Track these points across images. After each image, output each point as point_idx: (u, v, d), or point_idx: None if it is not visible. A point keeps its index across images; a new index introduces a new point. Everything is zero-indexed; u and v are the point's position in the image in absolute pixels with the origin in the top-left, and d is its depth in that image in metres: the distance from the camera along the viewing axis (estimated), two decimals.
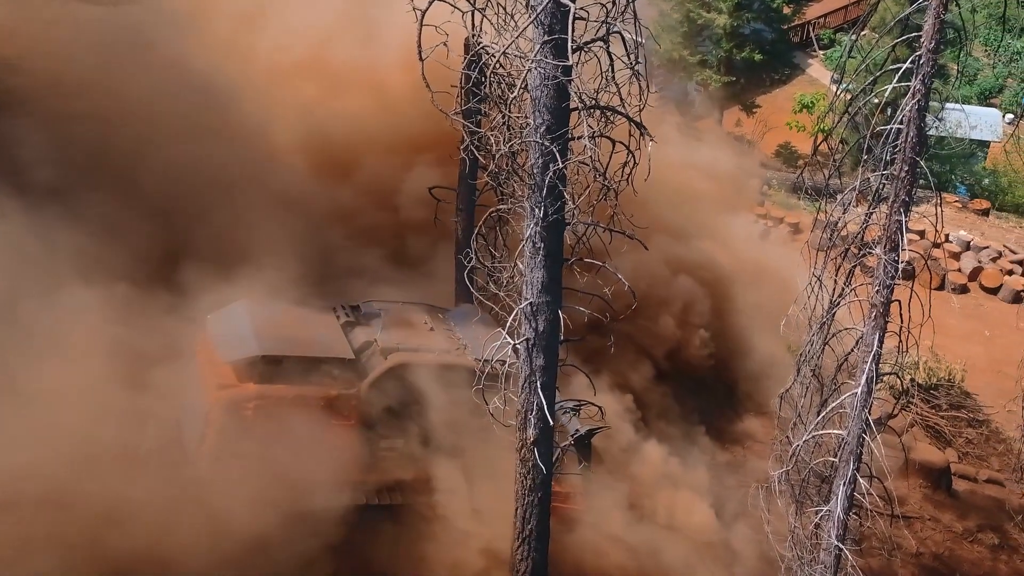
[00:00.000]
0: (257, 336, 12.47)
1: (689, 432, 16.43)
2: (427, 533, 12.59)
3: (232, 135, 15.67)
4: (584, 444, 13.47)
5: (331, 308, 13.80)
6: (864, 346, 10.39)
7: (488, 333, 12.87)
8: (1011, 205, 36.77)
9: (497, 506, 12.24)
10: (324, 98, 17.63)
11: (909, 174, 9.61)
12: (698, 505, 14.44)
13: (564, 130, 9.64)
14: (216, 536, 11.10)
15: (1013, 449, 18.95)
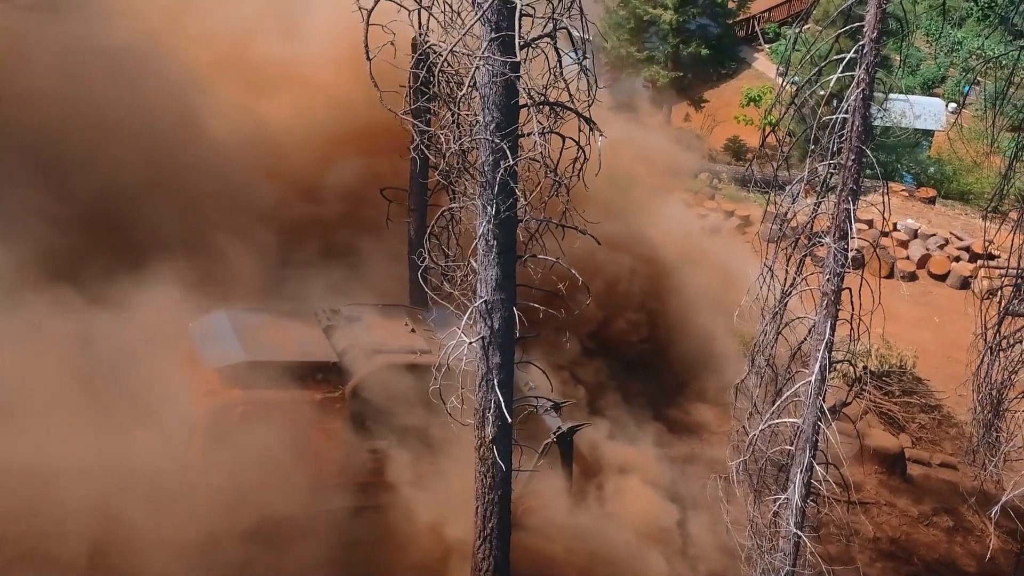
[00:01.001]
0: (241, 342, 12.53)
1: (645, 425, 16.49)
2: (412, 532, 12.59)
3: (160, 133, 15.43)
4: (566, 441, 13.58)
5: (312, 313, 13.85)
6: (816, 334, 10.49)
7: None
8: (956, 193, 37.29)
9: None
10: (252, 96, 17.39)
11: (856, 163, 9.71)
12: (658, 498, 14.50)
13: (514, 127, 9.65)
14: (205, 542, 11.11)
15: (965, 433, 19.19)
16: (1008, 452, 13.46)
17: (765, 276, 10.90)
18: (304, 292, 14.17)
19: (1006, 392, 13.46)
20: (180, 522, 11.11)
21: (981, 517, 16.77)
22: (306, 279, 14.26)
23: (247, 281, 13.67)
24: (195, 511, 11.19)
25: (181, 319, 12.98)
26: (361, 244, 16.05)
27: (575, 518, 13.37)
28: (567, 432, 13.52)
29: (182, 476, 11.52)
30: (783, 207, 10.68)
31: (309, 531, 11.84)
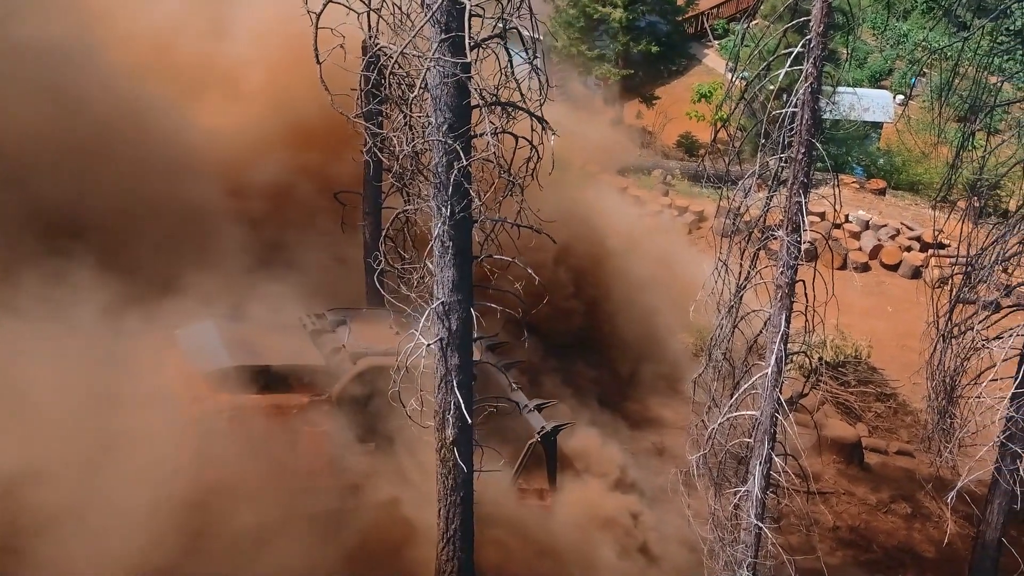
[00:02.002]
0: (228, 348, 12.69)
1: (608, 423, 16.53)
2: (402, 532, 12.63)
3: (94, 134, 15.23)
4: (550, 441, 13.66)
5: (297, 318, 13.96)
6: (772, 327, 10.58)
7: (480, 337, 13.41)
8: (906, 183, 37.71)
9: None
10: (184, 95, 17.18)
11: (806, 156, 9.81)
12: (619, 493, 14.56)
13: (466, 128, 9.65)
14: (197, 546, 11.16)
15: (920, 420, 19.43)
16: (963, 438, 13.63)
17: (720, 270, 10.98)
18: (257, 298, 14.05)
19: (959, 379, 13.64)
20: (167, 527, 11.13)
21: (938, 503, 16.98)
22: (256, 286, 14.13)
23: (191, 290, 13.50)
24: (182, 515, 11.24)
25: (168, 327, 13.00)
26: (314, 247, 15.96)
27: (539, 517, 13.39)
28: (551, 432, 13.62)
29: (171, 481, 11.53)
30: (736, 202, 10.76)
31: (298, 532, 11.79)
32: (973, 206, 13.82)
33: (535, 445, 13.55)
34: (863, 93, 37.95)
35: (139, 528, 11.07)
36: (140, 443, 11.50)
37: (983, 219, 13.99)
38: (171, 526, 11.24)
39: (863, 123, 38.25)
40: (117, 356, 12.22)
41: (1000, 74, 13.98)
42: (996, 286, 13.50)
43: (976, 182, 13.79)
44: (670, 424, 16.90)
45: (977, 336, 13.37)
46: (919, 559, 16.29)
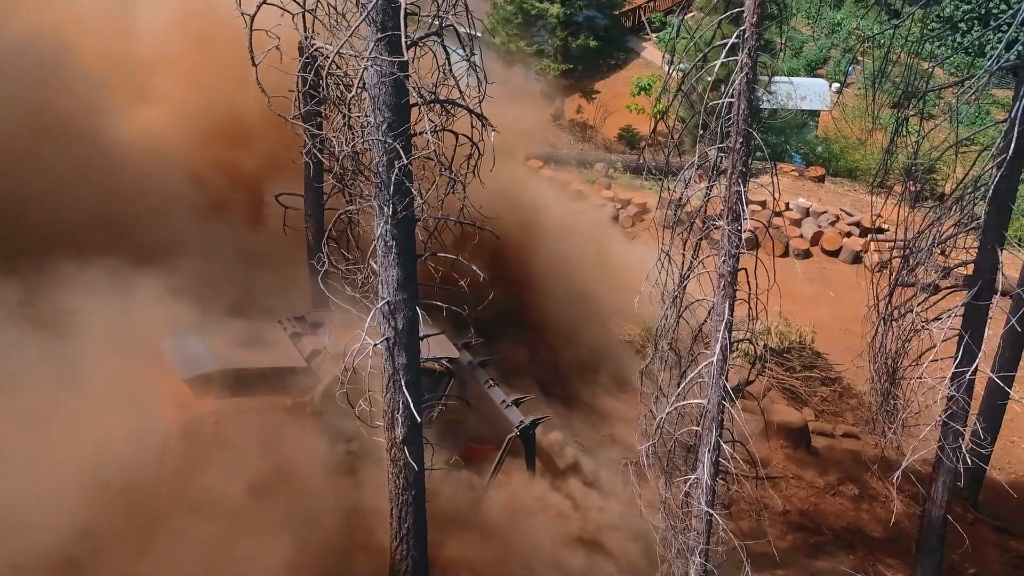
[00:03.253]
0: (211, 352, 12.67)
1: (557, 415, 16.57)
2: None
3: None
4: (528, 435, 13.88)
5: (277, 321, 14.01)
6: (716, 315, 10.68)
7: (429, 334, 13.31)
8: (844, 170, 38.22)
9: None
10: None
11: (744, 146, 9.91)
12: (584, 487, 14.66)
13: (406, 126, 9.62)
14: (183, 550, 11.07)
15: (864, 403, 19.71)
16: (906, 419, 13.84)
17: (663, 261, 11.06)
18: (206, 301, 13.91)
19: (900, 361, 13.85)
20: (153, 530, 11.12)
21: (884, 483, 17.24)
22: (203, 288, 13.99)
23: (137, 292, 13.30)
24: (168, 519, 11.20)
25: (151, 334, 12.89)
26: (257, 251, 15.80)
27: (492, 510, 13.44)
28: (529, 425, 13.80)
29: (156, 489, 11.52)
30: (677, 193, 10.84)
31: (284, 532, 11.73)
32: (909, 190, 14.04)
33: (514, 439, 13.81)
34: (799, 82, 38.35)
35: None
36: (123, 449, 11.43)
37: (920, 203, 14.22)
38: (153, 530, 11.20)
39: (800, 112, 38.68)
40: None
41: (932, 60, 14.21)
42: (934, 268, 13.73)
43: (911, 167, 14.01)
44: (618, 415, 16.96)
45: (917, 318, 13.59)
46: (868, 539, 16.53)
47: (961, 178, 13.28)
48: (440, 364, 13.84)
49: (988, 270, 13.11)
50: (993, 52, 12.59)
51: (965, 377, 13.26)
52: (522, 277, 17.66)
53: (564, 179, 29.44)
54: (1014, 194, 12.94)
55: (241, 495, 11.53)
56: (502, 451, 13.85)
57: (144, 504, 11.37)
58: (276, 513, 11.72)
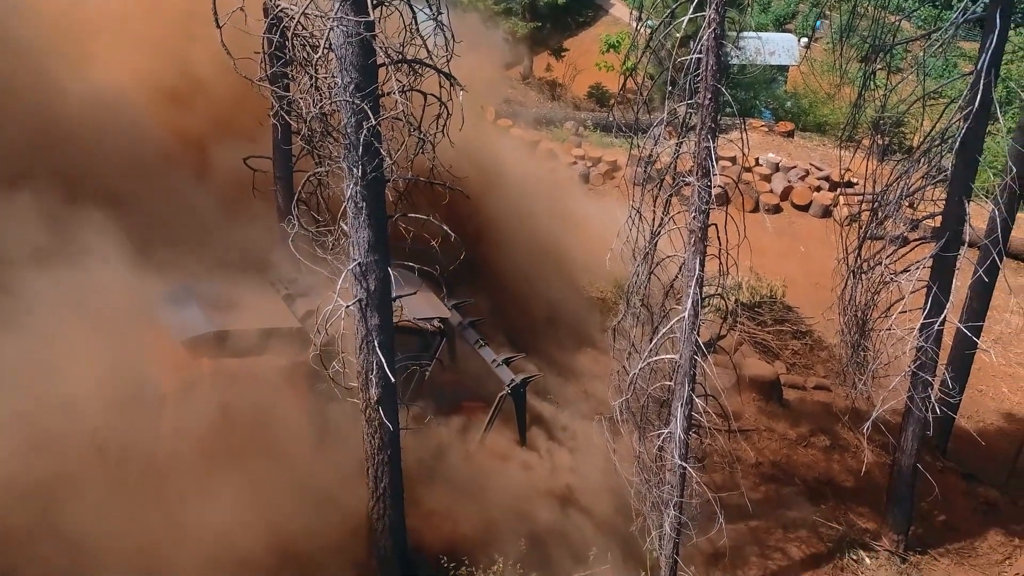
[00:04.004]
0: (206, 313, 12.61)
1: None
2: None
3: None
4: (519, 393, 13.98)
5: (269, 283, 13.93)
6: (687, 271, 10.75)
7: (420, 294, 13.76)
8: (813, 125, 38.35)
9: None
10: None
11: (713, 101, 9.93)
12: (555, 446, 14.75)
13: (373, 87, 9.57)
14: (182, 518, 11.06)
15: (835, 355, 19.88)
16: (876, 370, 14.01)
17: (634, 218, 11.10)
18: (176, 267, 13.84)
19: (870, 313, 14.00)
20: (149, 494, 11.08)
21: (855, 434, 17.41)
22: (175, 254, 13.91)
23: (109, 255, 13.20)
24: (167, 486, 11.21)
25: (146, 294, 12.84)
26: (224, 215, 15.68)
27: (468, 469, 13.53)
28: (520, 384, 13.90)
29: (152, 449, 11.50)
30: (647, 150, 10.87)
31: (276, 493, 11.73)
32: (877, 144, 14.12)
33: (505, 398, 13.92)
34: (768, 37, 38.40)
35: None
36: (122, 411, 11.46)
37: (888, 156, 14.31)
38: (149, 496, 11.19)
39: (769, 67, 38.71)
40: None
41: (899, 13, 14.22)
42: (902, 221, 13.84)
43: (879, 120, 14.08)
44: (591, 372, 17.04)
45: (886, 270, 13.72)
46: (839, 489, 16.74)
47: (929, 131, 13.37)
48: (432, 324, 13.91)
49: (955, 222, 13.24)
50: (959, 4, 12.63)
51: (933, 328, 13.43)
52: (491, 236, 17.65)
53: (534, 138, 29.39)
54: (980, 146, 13.05)
55: (235, 454, 11.53)
56: (493, 409, 13.98)
57: (138, 462, 11.38)
58: (270, 472, 11.73)
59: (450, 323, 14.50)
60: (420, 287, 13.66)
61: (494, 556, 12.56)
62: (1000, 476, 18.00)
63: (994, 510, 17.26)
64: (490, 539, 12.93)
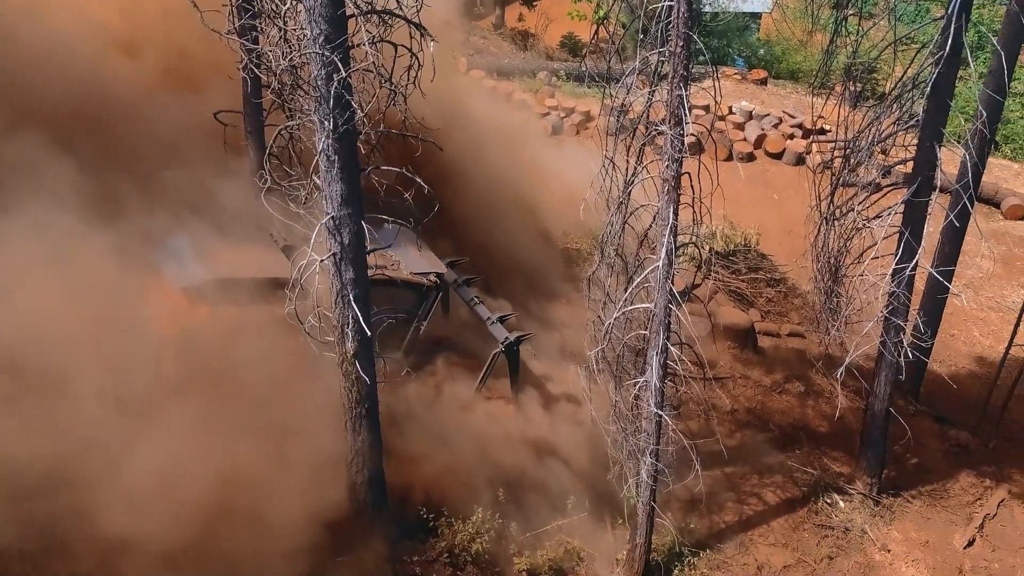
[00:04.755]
0: (204, 262, 12.66)
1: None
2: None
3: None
4: (513, 351, 14.03)
5: (267, 234, 13.82)
6: (661, 220, 10.77)
7: (415, 249, 14.20)
8: (786, 72, 38.28)
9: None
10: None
11: (684, 49, 9.90)
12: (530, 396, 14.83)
13: (343, 38, 9.48)
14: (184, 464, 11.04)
15: (808, 302, 20.03)
16: (849, 316, 14.12)
17: (607, 168, 11.09)
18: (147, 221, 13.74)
19: (843, 259, 14.08)
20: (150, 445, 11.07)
21: (829, 380, 17.60)
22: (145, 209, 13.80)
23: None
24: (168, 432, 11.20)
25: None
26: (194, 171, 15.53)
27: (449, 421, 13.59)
28: (514, 342, 13.95)
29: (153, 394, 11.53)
30: (619, 99, 10.83)
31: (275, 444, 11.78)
32: (849, 91, 14.12)
33: (499, 355, 14.00)
34: None
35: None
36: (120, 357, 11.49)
37: (860, 103, 14.32)
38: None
39: (741, 14, 38.50)
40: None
41: None
42: (874, 167, 13.89)
43: (851, 67, 14.06)
44: (567, 322, 17.09)
45: (858, 217, 13.78)
46: (813, 434, 16.92)
47: (900, 77, 13.38)
48: (428, 279, 13.93)
49: (927, 167, 13.29)
50: None
51: (905, 273, 13.52)
52: (464, 188, 17.61)
53: (507, 89, 29.23)
54: (952, 91, 13.07)
55: (233, 401, 11.56)
56: (487, 366, 14.08)
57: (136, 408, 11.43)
58: (267, 421, 11.76)
59: (445, 279, 14.55)
60: (417, 243, 14.06)
61: (473, 507, 12.68)
62: (971, 419, 18.24)
63: (965, 452, 17.50)
64: (470, 490, 13.04)
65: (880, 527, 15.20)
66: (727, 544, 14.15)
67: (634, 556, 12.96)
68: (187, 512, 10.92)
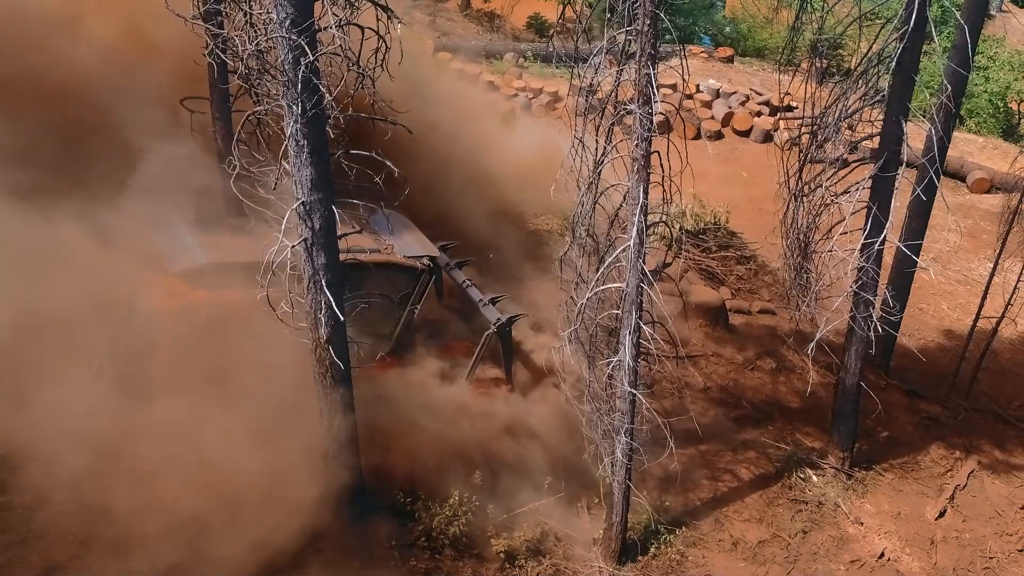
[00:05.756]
0: (202, 246, 12.64)
1: None
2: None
3: None
4: (506, 331, 14.09)
5: (264, 220, 13.71)
6: (631, 200, 10.80)
7: (410, 234, 14.28)
8: (752, 50, 38.37)
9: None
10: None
11: (652, 28, 9.91)
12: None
13: (310, 21, 9.42)
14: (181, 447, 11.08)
15: (779, 279, 20.14)
16: (818, 291, 14.21)
17: (577, 148, 11.10)
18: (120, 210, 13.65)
19: (812, 235, 14.16)
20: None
21: (800, 355, 17.73)
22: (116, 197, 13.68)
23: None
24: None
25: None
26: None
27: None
28: (505, 323, 13.98)
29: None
30: (587, 79, 10.83)
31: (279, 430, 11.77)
32: (816, 67, 14.18)
33: (491, 336, 14.03)
34: None
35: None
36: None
37: (826, 79, 14.38)
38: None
39: None
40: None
41: None
42: (841, 143, 13.96)
43: (817, 43, 14.13)
44: (539, 303, 17.10)
45: (826, 193, 13.86)
46: (786, 410, 17.05)
47: (865, 52, 13.44)
48: (420, 262, 13.93)
49: (894, 142, 13.39)
50: None
51: (874, 248, 13.62)
52: (434, 170, 17.58)
53: (474, 71, 29.14)
54: (916, 66, 13.15)
55: (227, 381, 11.56)
56: (480, 347, 14.08)
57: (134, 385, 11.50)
58: (260, 401, 11.76)
59: (438, 262, 14.55)
60: (404, 225, 14.13)
61: (450, 490, 12.70)
62: (941, 391, 18.44)
63: (936, 424, 17.71)
64: (447, 473, 13.06)
65: (853, 500, 15.36)
66: (702, 521, 14.25)
67: (611, 535, 13.03)
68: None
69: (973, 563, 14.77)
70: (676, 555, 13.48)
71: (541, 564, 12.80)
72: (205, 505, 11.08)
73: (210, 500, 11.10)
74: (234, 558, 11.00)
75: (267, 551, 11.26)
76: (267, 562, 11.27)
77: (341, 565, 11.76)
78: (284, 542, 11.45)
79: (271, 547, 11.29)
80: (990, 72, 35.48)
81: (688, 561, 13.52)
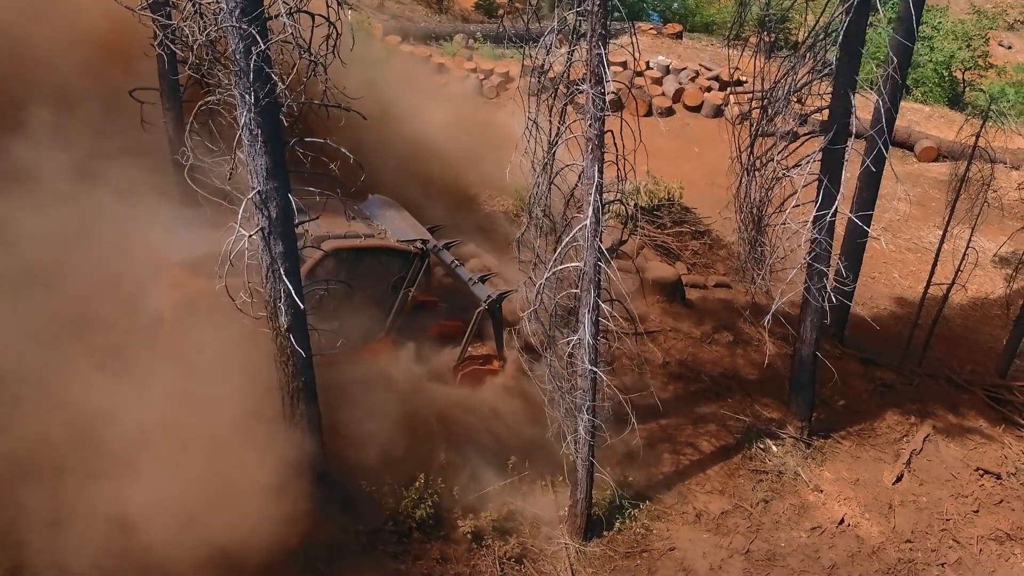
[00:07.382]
0: (200, 236, 12.51)
1: None
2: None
3: None
4: (496, 308, 14.15)
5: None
6: (586, 179, 10.86)
7: (401, 219, 14.50)
8: (701, 25, 38.61)
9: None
10: None
11: (601, 7, 9.96)
12: None
13: (260, 10, 9.37)
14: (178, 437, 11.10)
15: (733, 252, 20.32)
16: (773, 264, 14.37)
17: (530, 129, 11.14)
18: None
19: (765, 208, 14.31)
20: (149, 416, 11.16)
21: (756, 328, 17.91)
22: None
23: None
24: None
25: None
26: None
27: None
28: (496, 299, 14.03)
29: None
30: (539, 60, 10.87)
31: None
32: (764, 41, 14.31)
33: (483, 313, 14.12)
34: None
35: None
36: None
37: (775, 53, 14.51)
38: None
39: None
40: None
41: None
42: (792, 116, 14.11)
43: (765, 17, 14.25)
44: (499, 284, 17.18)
45: (778, 166, 14.01)
46: (744, 382, 17.24)
47: (812, 26, 13.58)
48: (413, 246, 13.97)
49: (842, 114, 13.55)
50: None
51: (826, 219, 13.79)
52: (388, 156, 17.55)
53: (424, 53, 29.07)
54: (863, 38, 13.31)
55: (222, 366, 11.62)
56: (471, 325, 14.17)
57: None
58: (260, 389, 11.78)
59: (429, 245, 14.60)
60: (397, 211, 14.32)
61: (416, 474, 12.75)
62: (895, 358, 18.73)
63: (891, 391, 17.99)
64: (412, 458, 13.09)
65: (812, 468, 15.59)
66: (666, 494, 14.42)
67: (576, 512, 13.15)
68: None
69: (931, 525, 15.06)
70: (641, 529, 13.65)
71: (508, 543, 12.90)
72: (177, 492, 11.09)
73: (180, 486, 11.10)
74: (193, 549, 10.95)
75: (230, 541, 11.22)
76: (230, 553, 11.20)
77: (308, 553, 11.77)
78: (248, 532, 11.41)
79: (234, 538, 11.25)
80: (934, 42, 35.94)
81: (653, 534, 13.69)
